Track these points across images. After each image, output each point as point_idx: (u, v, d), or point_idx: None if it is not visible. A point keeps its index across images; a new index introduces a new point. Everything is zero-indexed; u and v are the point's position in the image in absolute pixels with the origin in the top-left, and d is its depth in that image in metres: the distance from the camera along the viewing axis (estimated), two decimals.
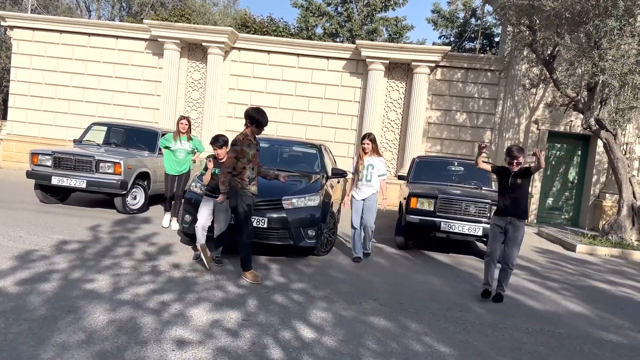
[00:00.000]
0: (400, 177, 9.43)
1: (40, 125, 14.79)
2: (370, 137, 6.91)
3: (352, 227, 6.89)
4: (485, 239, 7.74)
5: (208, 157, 6.19)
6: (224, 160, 5.95)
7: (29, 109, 14.78)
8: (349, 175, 7.06)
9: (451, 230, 7.48)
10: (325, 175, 7.51)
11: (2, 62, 22.62)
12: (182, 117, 7.68)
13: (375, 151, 6.93)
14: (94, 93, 14.63)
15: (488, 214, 7.45)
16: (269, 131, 14.01)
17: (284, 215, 6.18)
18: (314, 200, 6.55)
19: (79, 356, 3.17)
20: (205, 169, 6.05)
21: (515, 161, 5.40)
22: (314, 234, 6.41)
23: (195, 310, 4.28)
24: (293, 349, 3.69)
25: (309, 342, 3.84)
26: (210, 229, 6.04)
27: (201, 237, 5.95)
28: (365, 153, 6.88)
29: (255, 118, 5.35)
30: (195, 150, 7.83)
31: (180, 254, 6.25)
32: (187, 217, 6.44)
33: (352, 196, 6.93)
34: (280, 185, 6.17)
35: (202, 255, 5.57)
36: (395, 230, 8.20)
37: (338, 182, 8.56)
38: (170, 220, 7.80)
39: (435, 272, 6.70)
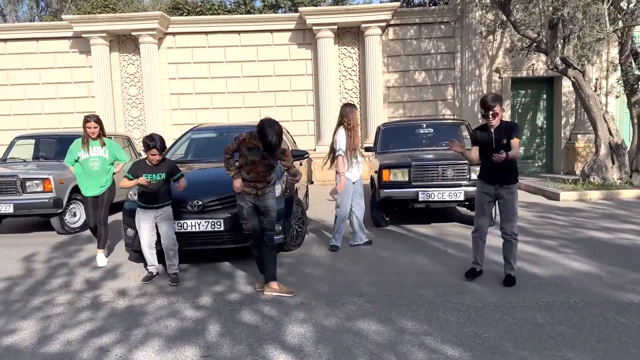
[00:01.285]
0: (367, 149, 8.63)
1: None
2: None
3: (342, 212, 6.08)
4: (467, 203, 7.10)
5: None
6: (155, 162, 4.97)
7: None
8: (341, 154, 5.94)
9: (431, 199, 6.78)
10: None
11: None
12: (88, 119, 5.65)
13: None
14: (21, 104, 13.28)
15: (467, 176, 6.78)
16: (220, 119, 13.04)
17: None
18: (275, 190, 5.70)
19: None
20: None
21: (490, 112, 4.45)
22: (280, 228, 5.58)
23: (142, 352, 3.43)
24: None
25: None
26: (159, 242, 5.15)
27: (150, 257, 5.08)
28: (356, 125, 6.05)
29: (260, 130, 4.22)
30: (116, 160, 5.90)
31: (128, 275, 5.34)
32: (130, 232, 5.49)
33: (348, 178, 6.01)
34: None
35: (270, 292, 4.57)
36: (370, 207, 7.45)
37: (300, 164, 7.74)
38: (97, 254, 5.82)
39: (421, 249, 6.00)
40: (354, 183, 6.08)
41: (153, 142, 4.83)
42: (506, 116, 13.14)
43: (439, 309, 4.07)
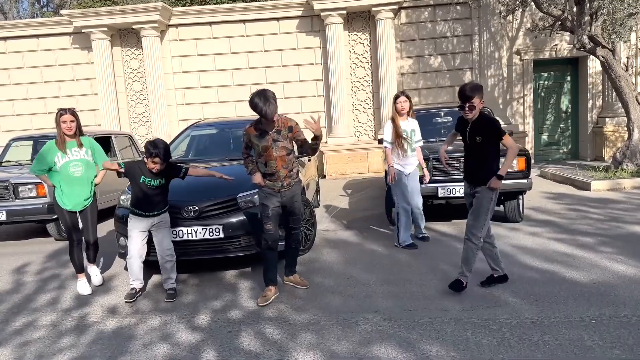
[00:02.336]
0: (379, 142, 8.05)
1: None
2: (405, 94, 5.70)
3: (401, 208, 5.68)
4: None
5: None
6: (156, 171, 4.39)
7: None
8: (386, 146, 5.71)
9: (452, 195, 6.21)
10: None
11: None
12: (62, 111, 4.58)
13: (411, 112, 5.77)
14: (24, 104, 12.94)
15: None
16: (227, 113, 12.55)
17: (244, 217, 4.82)
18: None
19: None
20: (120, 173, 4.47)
21: (467, 103, 3.88)
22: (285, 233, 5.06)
23: None
24: None
25: None
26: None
27: (137, 270, 4.49)
28: (401, 115, 5.62)
29: (251, 101, 3.96)
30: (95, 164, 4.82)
31: (121, 288, 4.87)
32: (123, 241, 5.02)
33: (400, 171, 5.62)
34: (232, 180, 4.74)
35: (271, 296, 4.29)
36: (385, 204, 6.93)
37: (309, 160, 7.19)
38: (87, 268, 4.99)
39: (443, 252, 5.43)
40: (408, 175, 5.66)
41: (156, 149, 4.20)
42: (528, 100, 12.44)
43: (467, 327, 3.51)
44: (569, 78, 12.71)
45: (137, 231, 4.44)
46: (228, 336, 3.63)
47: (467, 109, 3.91)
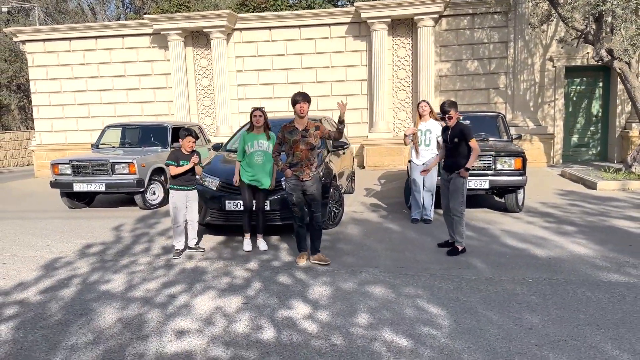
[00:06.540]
0: None
1: (66, 132, 15.43)
2: (426, 101, 7.36)
3: (413, 190, 7.32)
4: (493, 191, 7.81)
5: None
6: (190, 153, 5.98)
7: (53, 118, 15.42)
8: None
9: None
10: (325, 150, 7.61)
11: (25, 76, 23.41)
12: (255, 109, 6.16)
13: (433, 115, 7.23)
14: (109, 94, 15.09)
15: (492, 166, 7.45)
16: (280, 108, 14.16)
17: (285, 195, 6.37)
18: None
19: (85, 357, 3.52)
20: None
21: (446, 116, 5.63)
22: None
23: (200, 299, 4.58)
24: (285, 327, 3.93)
25: (302, 319, 4.07)
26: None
27: (182, 234, 6.02)
28: (421, 117, 7.20)
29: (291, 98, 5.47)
30: None
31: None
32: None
33: (412, 161, 7.32)
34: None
35: (305, 259, 5.64)
36: (405, 192, 8.29)
37: (343, 153, 8.66)
38: (257, 240, 6.29)
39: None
40: (423, 165, 7.12)
41: (188, 132, 6.00)
42: (559, 104, 13.31)
43: (436, 279, 4.92)
44: (600, 84, 13.45)
45: (180, 203, 6.00)
46: (269, 275, 5.21)
47: (447, 119, 5.66)
